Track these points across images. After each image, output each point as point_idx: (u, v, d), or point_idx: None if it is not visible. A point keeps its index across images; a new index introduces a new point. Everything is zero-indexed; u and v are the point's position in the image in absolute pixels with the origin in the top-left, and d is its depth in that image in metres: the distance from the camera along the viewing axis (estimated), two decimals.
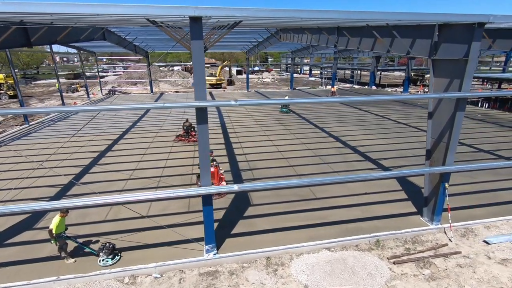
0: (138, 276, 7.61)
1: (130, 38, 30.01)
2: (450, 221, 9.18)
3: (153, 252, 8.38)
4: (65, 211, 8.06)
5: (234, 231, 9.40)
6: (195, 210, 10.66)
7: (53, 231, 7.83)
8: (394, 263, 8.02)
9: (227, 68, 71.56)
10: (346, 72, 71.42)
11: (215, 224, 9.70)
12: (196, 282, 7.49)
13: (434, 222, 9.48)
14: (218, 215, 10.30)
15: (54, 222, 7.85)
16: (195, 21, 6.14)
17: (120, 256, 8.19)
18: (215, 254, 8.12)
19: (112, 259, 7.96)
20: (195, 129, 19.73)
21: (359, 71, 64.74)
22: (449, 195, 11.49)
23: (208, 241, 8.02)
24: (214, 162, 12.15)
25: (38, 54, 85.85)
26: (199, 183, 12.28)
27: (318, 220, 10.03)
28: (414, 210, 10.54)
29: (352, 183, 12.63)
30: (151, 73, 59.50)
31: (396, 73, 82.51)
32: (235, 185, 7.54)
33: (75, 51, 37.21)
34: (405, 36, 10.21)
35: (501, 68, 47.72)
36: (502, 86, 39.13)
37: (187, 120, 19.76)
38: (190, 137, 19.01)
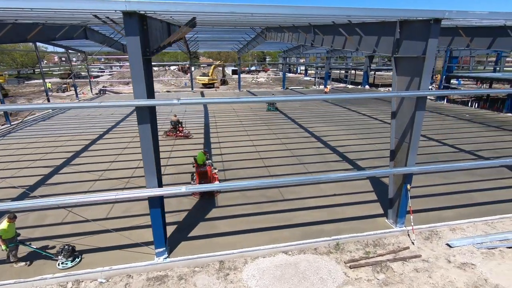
0: (82, 281, 7.35)
1: (116, 36, 29.69)
2: (412, 224, 8.92)
3: (107, 255, 8.10)
4: (12, 217, 7.77)
5: (192, 234, 9.14)
6: None
7: (2, 237, 7.55)
8: (350, 267, 7.77)
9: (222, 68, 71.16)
10: (341, 72, 71.14)
11: (174, 227, 9.50)
12: (142, 287, 7.23)
13: (398, 224, 9.23)
14: (179, 217, 10.05)
15: (1, 227, 7.57)
16: (129, 16, 5.88)
17: (81, 258, 7.93)
18: (165, 258, 7.86)
19: (72, 261, 7.70)
20: (183, 124, 20.20)
21: (353, 71, 64.51)
22: (422, 196, 11.36)
23: (158, 245, 7.75)
24: (208, 161, 11.94)
25: (34, 54, 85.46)
26: (192, 182, 12.06)
27: (283, 222, 9.78)
28: (382, 212, 10.29)
29: (324, 184, 12.39)
30: None
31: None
32: (183, 186, 7.28)
33: (63, 50, 36.87)
34: (370, 33, 9.97)
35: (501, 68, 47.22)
36: (493, 85, 38.87)
37: (175, 116, 20.22)
38: (178, 132, 19.64)
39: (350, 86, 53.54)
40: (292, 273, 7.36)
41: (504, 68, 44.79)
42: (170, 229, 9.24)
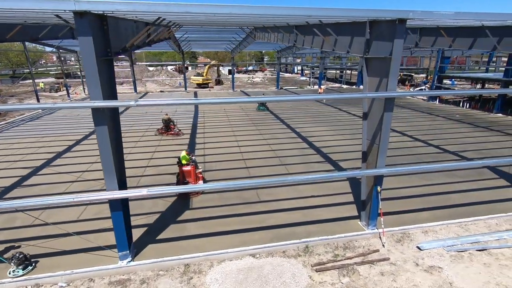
0: (42, 286, 7.23)
1: None
2: (382, 226, 8.83)
3: (71, 259, 7.97)
4: None
5: (161, 237, 9.03)
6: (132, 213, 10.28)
7: None
8: (316, 270, 7.67)
9: (221, 68, 70.95)
10: (338, 71, 71.01)
11: (143, 229, 9.39)
12: None
13: (369, 226, 9.13)
14: (151, 219, 9.94)
15: None
16: (80, 15, 5.76)
17: (34, 266, 7.65)
18: (129, 261, 7.75)
19: (23, 269, 7.46)
20: (174, 123, 20.90)
21: (349, 71, 64.45)
22: (400, 198, 11.30)
23: (120, 248, 7.64)
24: (191, 161, 12.01)
25: (31, 54, 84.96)
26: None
27: (255, 224, 9.67)
28: (356, 214, 10.18)
29: (303, 185, 12.30)
30: (139, 72, 59.17)
31: None
32: (144, 189, 7.17)
33: (53, 49, 36.68)
34: (343, 34, 9.90)
35: (496, 68, 47.07)
36: (486, 86, 38.81)
37: (166, 115, 20.84)
38: (169, 130, 20.36)
39: (345, 86, 53.45)
40: (255, 277, 7.25)
41: (500, 68, 44.72)
42: (139, 232, 9.16)
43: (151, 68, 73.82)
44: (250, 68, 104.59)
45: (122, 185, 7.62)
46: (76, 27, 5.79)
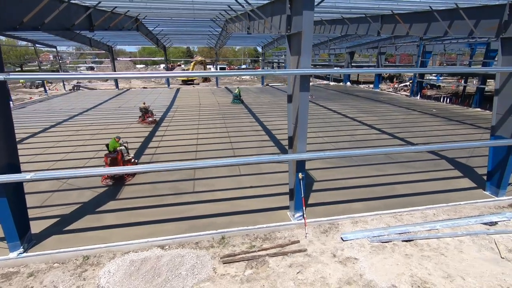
0: None
1: (84, 32, 28.86)
2: (305, 216, 8.25)
3: None
4: None
5: (70, 227, 8.41)
6: (51, 204, 9.71)
7: None
8: (223, 262, 7.09)
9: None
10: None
11: (54, 220, 8.80)
12: None
13: (295, 216, 8.56)
14: (67, 210, 9.34)
15: None
16: None
17: None
18: (20, 253, 7.15)
19: None
20: (152, 112, 21.72)
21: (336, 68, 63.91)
22: (342, 188, 10.72)
23: (9, 239, 7.05)
24: (119, 148, 11.61)
25: (21, 51, 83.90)
26: None
27: (176, 215, 9.06)
28: (287, 204, 9.60)
29: (245, 176, 11.76)
30: (125, 69, 58.55)
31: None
32: (28, 174, 6.56)
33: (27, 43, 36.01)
34: (276, 14, 9.38)
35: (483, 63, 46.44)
36: (468, 80, 38.32)
37: (144, 104, 22.10)
38: (145, 118, 20.95)
39: (332, 83, 52.96)
40: (148, 269, 6.66)
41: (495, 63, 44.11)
42: (48, 223, 8.57)
43: (139, 66, 73.09)
44: (244, 66, 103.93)
45: (13, 169, 7.03)
46: None
